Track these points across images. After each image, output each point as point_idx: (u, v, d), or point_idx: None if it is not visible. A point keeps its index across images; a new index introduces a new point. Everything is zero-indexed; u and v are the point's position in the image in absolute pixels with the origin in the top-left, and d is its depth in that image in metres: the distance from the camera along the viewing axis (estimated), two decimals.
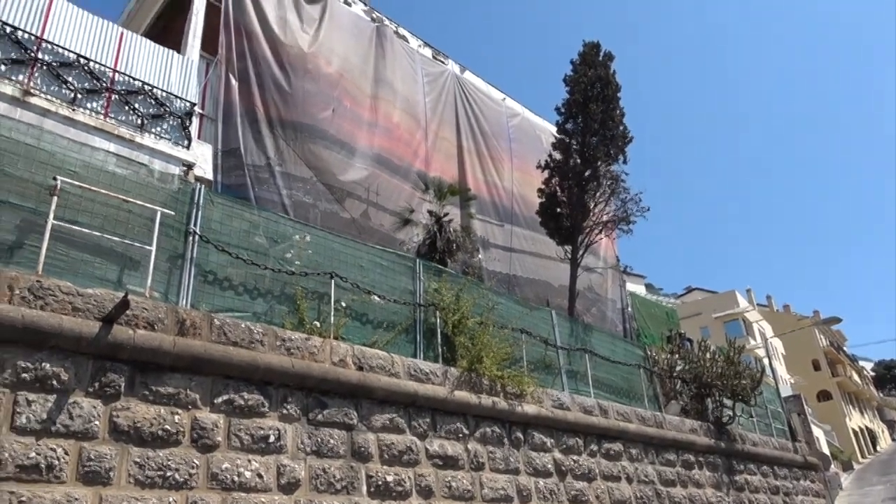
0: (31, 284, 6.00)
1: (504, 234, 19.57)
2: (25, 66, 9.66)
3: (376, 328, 9.86)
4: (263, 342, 7.56)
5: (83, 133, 9.61)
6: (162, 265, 7.72)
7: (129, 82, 10.78)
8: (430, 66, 19.34)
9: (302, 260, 9.23)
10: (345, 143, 15.34)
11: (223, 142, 12.69)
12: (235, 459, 6.75)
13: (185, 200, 8.50)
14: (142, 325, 6.54)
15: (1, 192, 6.74)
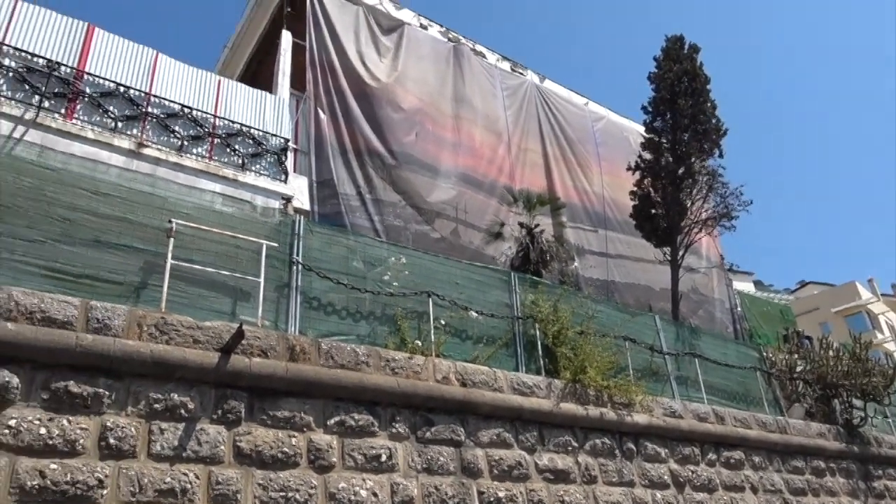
0: (157, 321, 6.48)
1: (598, 239, 19.20)
2: (138, 120, 10.49)
3: (476, 344, 9.91)
4: (369, 363, 7.77)
5: (191, 177, 10.31)
6: (270, 295, 8.12)
7: (228, 125, 11.48)
8: (509, 79, 19.40)
9: (399, 281, 9.45)
10: (430, 166, 15.64)
11: (317, 173, 13.27)
12: (351, 479, 6.95)
13: (287, 232, 8.93)
14: (256, 353, 6.90)
15: (126, 238, 7.35)
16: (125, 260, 7.36)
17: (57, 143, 9.25)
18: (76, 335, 5.90)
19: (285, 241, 8.71)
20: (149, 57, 11.11)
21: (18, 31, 9.92)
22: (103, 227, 7.45)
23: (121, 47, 10.90)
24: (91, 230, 7.36)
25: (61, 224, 7.23)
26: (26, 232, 6.99)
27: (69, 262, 7.10)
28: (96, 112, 10.19)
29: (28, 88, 9.66)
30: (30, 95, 9.64)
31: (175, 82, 11.21)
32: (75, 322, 6.03)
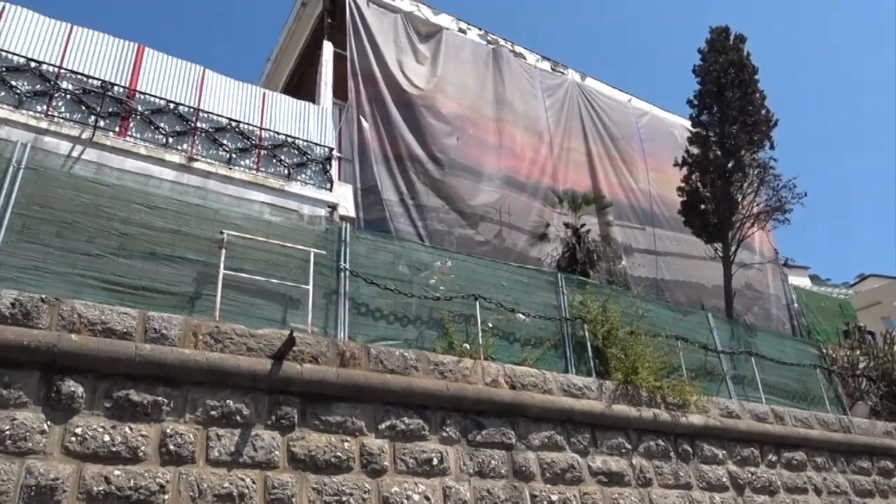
0: (211, 330, 6.64)
1: (646, 237, 18.86)
2: (187, 135, 10.80)
3: (524, 346, 9.85)
4: (417, 367, 7.80)
5: (240, 188, 10.55)
6: (319, 301, 8.24)
7: (274, 137, 11.71)
8: (550, 79, 19.26)
9: (445, 285, 9.46)
10: (472, 169, 15.64)
11: (361, 180, 13.41)
12: (403, 483, 6.98)
13: (334, 239, 9.05)
14: (307, 359, 7.01)
15: (179, 250, 7.57)
16: (179, 271, 7.58)
17: (111, 160, 9.59)
18: (135, 345, 6.09)
19: (332, 248, 8.84)
20: (196, 73, 11.44)
21: (74, 55, 10.34)
22: (157, 240, 7.69)
23: (169, 65, 11.25)
24: (146, 243, 7.60)
25: (118, 238, 7.49)
26: (86, 246, 7.26)
27: (126, 275, 7.35)
28: (148, 129, 10.53)
29: (84, 109, 10.06)
30: (86, 116, 10.04)
31: (222, 97, 11.50)
32: (134, 332, 6.23)
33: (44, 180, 7.44)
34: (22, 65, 9.85)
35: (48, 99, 9.89)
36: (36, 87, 9.86)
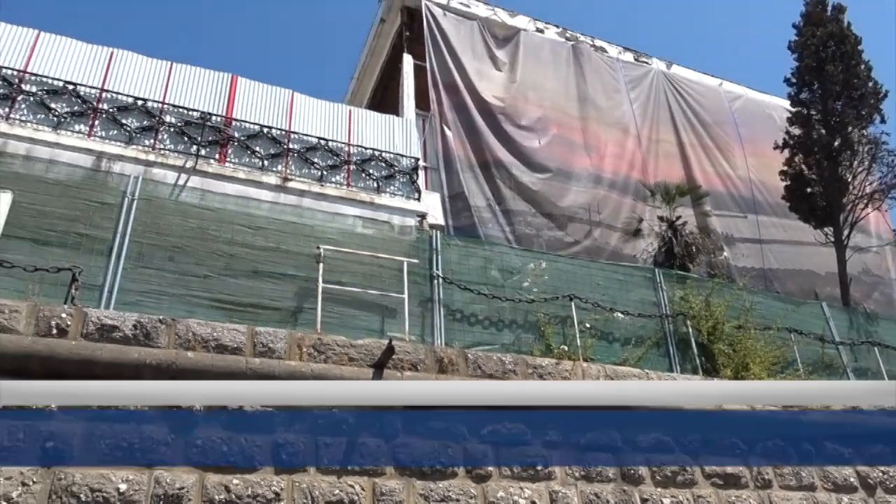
0: (314, 342, 6.87)
1: (749, 226, 17.93)
2: (281, 156, 11.28)
3: (624, 345, 9.60)
4: (516, 371, 7.75)
5: (333, 204, 10.89)
6: (414, 310, 8.37)
7: (361, 152, 12.03)
8: (633, 71, 18.74)
9: (538, 287, 9.38)
10: (559, 171, 15.45)
11: (448, 188, 13.55)
12: (508, 488, 6.94)
13: (425, 247, 9.17)
14: (407, 366, 7.12)
15: (281, 266, 7.91)
16: (281, 286, 7.91)
17: (214, 185, 10.14)
18: (246, 359, 6.40)
19: (424, 256, 8.95)
20: (286, 97, 11.93)
21: (175, 91, 11.04)
22: (260, 258, 8.07)
23: (261, 92, 11.80)
24: (249, 262, 7.99)
25: (224, 258, 7.92)
26: (196, 268, 7.72)
27: (234, 293, 7.74)
28: (245, 153, 11.08)
29: (187, 140, 10.71)
30: (188, 146, 10.68)
31: (311, 117, 11.94)
32: (244, 347, 6.54)
33: (155, 209, 7.97)
34: (130, 104, 10.60)
35: (154, 133, 10.59)
36: (143, 123, 10.58)
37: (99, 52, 10.86)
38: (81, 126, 10.15)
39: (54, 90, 10.15)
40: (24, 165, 8.78)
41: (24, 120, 9.81)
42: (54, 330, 6.01)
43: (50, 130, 9.86)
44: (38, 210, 7.36)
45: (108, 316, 6.27)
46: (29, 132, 9.72)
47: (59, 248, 7.14)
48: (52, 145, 9.66)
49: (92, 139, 10.09)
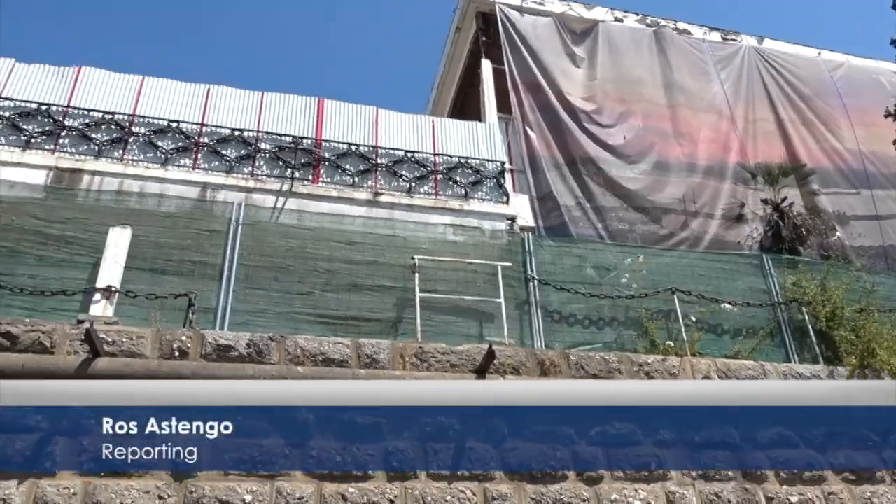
0: (416, 350, 6.99)
1: (863, 202, 16.65)
2: (370, 172, 11.58)
3: (734, 337, 9.18)
4: (621, 370, 7.56)
5: (423, 214, 11.05)
6: (512, 313, 8.36)
7: (447, 160, 12.16)
8: (721, 50, 17.89)
9: (638, 282, 9.13)
10: (649, 163, 14.95)
11: (536, 189, 13.42)
12: (622, 490, 6.76)
13: (517, 250, 9.16)
14: (508, 370, 7.10)
15: (378, 279, 8.14)
16: (380, 298, 8.13)
17: (309, 206, 10.52)
18: (353, 371, 6.60)
19: (517, 259, 8.94)
20: (370, 114, 12.25)
21: (267, 119, 11.59)
22: (357, 272, 8.32)
23: (346, 111, 12.18)
24: (348, 276, 8.26)
25: (324, 275, 8.23)
26: (298, 286, 8.06)
27: (335, 308, 8.03)
28: (336, 172, 11.45)
29: (281, 164, 11.20)
30: (283, 170, 11.16)
31: (395, 131, 12.20)
32: (350, 360, 6.74)
33: (258, 232, 8.40)
34: (227, 135, 11.22)
35: (252, 161, 11.14)
36: (241, 152, 11.16)
37: (197, 89, 11.57)
38: (186, 160, 10.83)
39: (160, 129, 10.89)
40: (139, 201, 9.49)
41: (135, 159, 10.58)
42: (176, 353, 6.43)
43: (159, 167, 10.58)
44: (154, 242, 7.92)
45: (224, 337, 6.64)
46: (140, 170, 10.47)
47: (175, 276, 7.65)
48: (161, 180, 10.35)
49: (196, 171, 10.73)
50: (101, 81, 11.21)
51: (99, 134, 10.63)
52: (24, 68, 10.97)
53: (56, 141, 10.38)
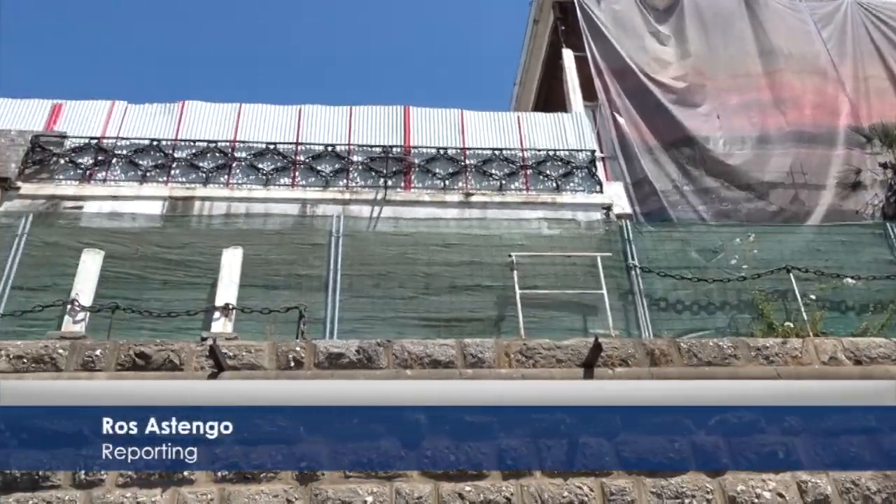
0: (520, 347, 6.98)
1: None
2: (461, 174, 11.67)
3: (860, 314, 8.56)
4: (737, 355, 7.23)
5: (516, 210, 11.02)
6: (615, 304, 8.17)
7: (535, 154, 12.07)
8: (820, 8, 16.70)
9: (749, 263, 8.68)
10: (750, 137, 14.18)
11: (630, 175, 13.05)
12: (748, 480, 6.45)
13: (616, 239, 8.95)
14: (617, 363, 6.95)
15: (476, 279, 8.20)
16: (480, 298, 8.18)
17: (404, 212, 10.75)
18: (459, 371, 6.68)
19: (617, 248, 8.74)
20: (456, 117, 12.36)
21: (357, 131, 11.95)
22: (456, 274, 8.41)
23: (432, 116, 12.35)
24: (447, 278, 8.37)
25: (423, 278, 8.37)
26: (400, 291, 8.25)
27: (436, 310, 8.16)
28: (426, 177, 11.63)
29: (374, 174, 11.50)
30: (376, 180, 11.45)
31: (482, 131, 12.25)
32: (455, 360, 6.83)
33: (357, 242, 8.68)
34: (321, 151, 11.65)
35: (346, 173, 11.51)
36: (335, 167, 11.55)
37: (290, 110, 12.11)
38: (285, 179, 11.34)
39: (260, 152, 11.47)
40: (246, 222, 10.03)
41: (240, 183, 11.20)
42: (292, 363, 6.75)
43: (261, 188, 11.14)
44: (263, 259, 8.34)
45: (334, 345, 6.90)
46: (245, 192, 11.06)
47: (285, 290, 8.03)
48: (264, 200, 10.90)
49: (295, 189, 11.22)
50: (203, 112, 11.95)
51: (205, 162, 11.33)
52: (135, 108, 11.89)
53: (168, 172, 11.16)
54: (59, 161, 11.10)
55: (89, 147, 11.25)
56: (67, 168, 11.06)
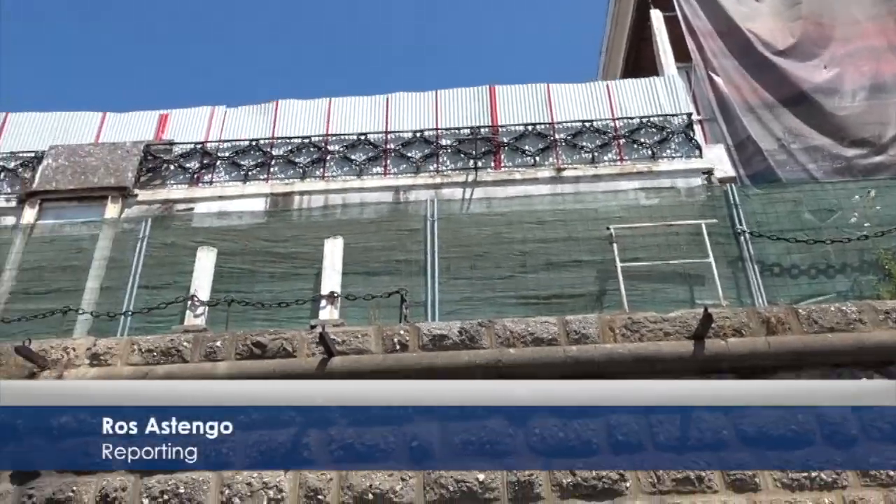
0: (625, 322, 6.81)
1: None
2: (550, 149, 11.48)
3: None
4: (863, 320, 6.73)
5: (610, 182, 10.74)
6: (723, 272, 7.82)
7: (628, 123, 11.68)
8: None
9: (870, 220, 8.06)
10: (862, 88, 13.08)
11: (731, 136, 12.40)
12: (884, 452, 6.03)
13: (720, 204, 8.55)
14: (729, 333, 6.65)
15: (574, 254, 8.06)
16: (579, 274, 8.04)
17: (496, 192, 10.74)
18: (563, 348, 6.60)
19: (722, 213, 8.35)
20: (542, 92, 12.15)
21: (444, 115, 11.99)
22: (552, 251, 8.31)
23: (518, 93, 12.21)
24: (543, 255, 8.28)
25: (520, 257, 8.32)
26: (497, 271, 8.25)
27: (535, 288, 8.10)
28: (516, 155, 11.52)
29: (463, 156, 11.51)
30: (466, 162, 11.46)
31: (570, 104, 11.98)
32: (558, 337, 6.75)
33: (452, 225, 8.73)
34: (410, 138, 11.78)
35: (435, 158, 11.60)
36: (425, 152, 11.66)
37: (377, 100, 12.31)
38: (377, 168, 11.57)
39: (351, 143, 11.76)
40: (344, 212, 10.33)
41: (334, 175, 11.53)
42: (397, 346, 6.90)
43: (355, 178, 11.43)
44: (362, 247, 8.57)
45: (437, 327, 6.99)
46: (340, 184, 11.39)
47: (385, 276, 8.22)
48: (359, 190, 11.19)
49: (388, 177, 11.43)
50: (296, 110, 12.37)
51: (301, 157, 11.75)
52: (233, 111, 12.47)
53: (268, 170, 11.65)
54: (170, 167, 11.84)
55: (195, 152, 11.92)
56: (177, 173, 11.79)
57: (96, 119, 12.61)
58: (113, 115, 12.66)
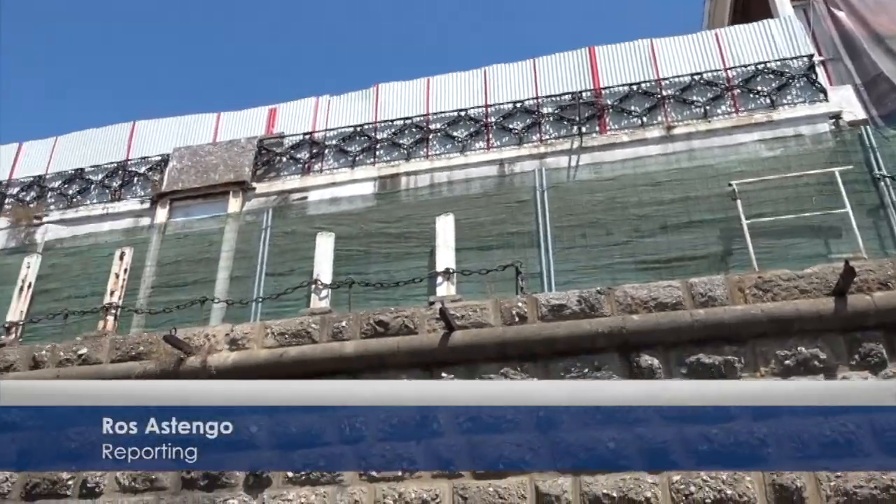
0: (755, 281, 6.48)
1: None
2: (658, 107, 11.00)
3: None
4: None
5: (726, 136, 10.16)
6: (862, 222, 7.23)
7: (742, 71, 10.98)
8: None
9: None
10: None
11: (860, 75, 11.35)
12: None
13: (853, 149, 7.92)
14: (874, 287, 6.19)
15: (694, 214, 7.72)
16: (700, 234, 7.70)
17: (603, 156, 10.44)
18: (689, 312, 6.38)
19: (856, 159, 7.72)
20: (645, 48, 11.62)
21: (544, 82, 11.75)
22: (669, 212, 8.00)
23: (620, 52, 11.74)
24: (660, 218, 8.00)
25: (635, 221, 8.08)
26: (612, 237, 8.05)
27: (653, 252, 7.84)
28: (622, 117, 11.13)
29: (566, 123, 11.26)
30: (569, 129, 11.21)
31: (677, 57, 11.39)
32: (683, 301, 6.53)
33: (562, 194, 8.59)
34: (510, 110, 11.65)
35: (538, 127, 11.41)
36: (526, 122, 11.50)
37: (475, 75, 12.24)
38: (480, 143, 11.55)
39: (452, 120, 11.79)
40: (450, 189, 10.43)
41: (438, 153, 11.62)
42: (516, 318, 6.92)
43: (458, 154, 11.47)
44: (473, 222, 8.60)
45: (554, 297, 6.95)
46: (444, 162, 11.47)
47: (498, 250, 8.23)
48: (464, 166, 11.22)
49: (491, 151, 11.39)
50: (396, 92, 12.53)
51: (404, 139, 11.92)
52: (337, 100, 12.81)
53: (374, 154, 11.92)
54: (282, 159, 12.38)
55: (304, 142, 12.38)
56: (289, 164, 12.31)
57: (212, 119, 13.35)
58: (227, 114, 13.35)
